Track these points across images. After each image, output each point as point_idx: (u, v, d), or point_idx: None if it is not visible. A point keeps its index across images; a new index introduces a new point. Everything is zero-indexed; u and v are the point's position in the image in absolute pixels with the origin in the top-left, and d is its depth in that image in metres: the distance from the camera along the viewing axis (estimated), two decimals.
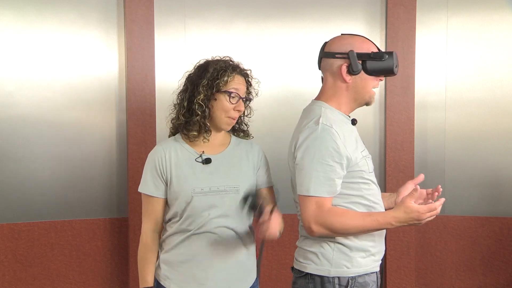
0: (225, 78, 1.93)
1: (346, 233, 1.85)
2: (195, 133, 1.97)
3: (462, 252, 3.24)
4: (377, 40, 3.19)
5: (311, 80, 3.11)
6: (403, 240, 3.18)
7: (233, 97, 1.94)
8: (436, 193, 2.00)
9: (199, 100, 1.93)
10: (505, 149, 3.21)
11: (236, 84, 1.95)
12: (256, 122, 2.13)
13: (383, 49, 3.14)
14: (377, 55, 1.87)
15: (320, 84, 2.01)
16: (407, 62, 3.14)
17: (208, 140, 1.99)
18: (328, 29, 3.13)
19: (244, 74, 2.01)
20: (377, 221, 1.83)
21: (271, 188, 2.06)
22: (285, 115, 3.06)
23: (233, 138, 2.07)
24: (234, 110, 1.95)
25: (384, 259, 3.21)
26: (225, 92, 1.93)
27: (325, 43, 1.98)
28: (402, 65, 3.12)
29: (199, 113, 1.94)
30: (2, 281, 2.90)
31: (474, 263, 3.24)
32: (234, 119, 1.97)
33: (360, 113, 2.07)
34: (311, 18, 3.17)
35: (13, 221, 2.92)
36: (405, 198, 1.84)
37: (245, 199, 1.82)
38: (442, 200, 1.85)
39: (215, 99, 1.94)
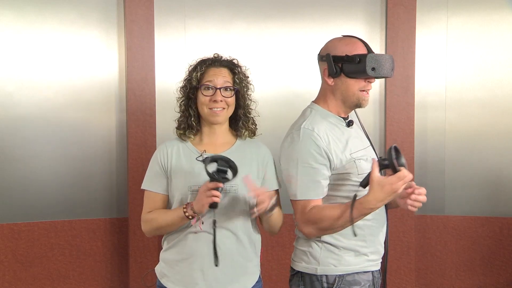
0: (195, 74, 1.98)
1: (332, 227, 1.84)
2: (181, 131, 2.03)
3: (462, 252, 3.24)
4: (377, 40, 3.19)
5: (311, 80, 3.11)
6: (403, 240, 3.18)
7: (205, 89, 1.96)
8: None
9: (179, 101, 2.04)
10: (505, 149, 3.21)
11: (209, 76, 1.98)
12: (254, 117, 2.12)
13: (383, 50, 3.16)
14: (350, 58, 1.87)
15: (319, 84, 2.03)
16: (407, 62, 3.14)
17: (193, 138, 2.03)
18: (328, 29, 3.14)
19: (224, 64, 2.01)
20: (357, 207, 1.78)
21: (277, 191, 2.04)
22: (285, 115, 3.05)
23: (239, 139, 2.06)
24: (210, 101, 1.95)
25: (384, 259, 3.22)
26: (199, 87, 1.97)
27: None
28: (402, 65, 3.13)
29: (181, 113, 2.03)
30: (2, 281, 2.90)
31: (474, 263, 3.24)
32: (218, 110, 1.96)
33: (360, 113, 2.07)
34: (311, 18, 3.17)
35: (13, 221, 2.92)
36: (373, 175, 1.75)
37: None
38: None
39: (195, 97, 2.00)
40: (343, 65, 1.88)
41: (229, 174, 1.82)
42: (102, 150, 3.04)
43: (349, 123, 1.98)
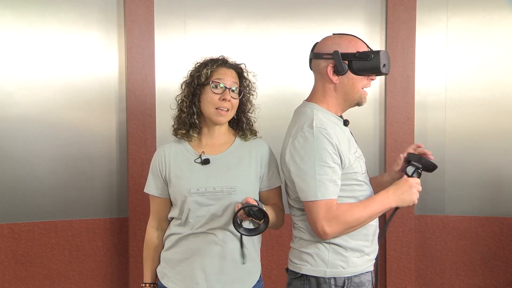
0: (205, 71, 1.96)
1: (359, 224, 1.85)
2: (183, 131, 2.00)
3: (462, 252, 3.24)
4: (377, 40, 3.19)
5: (311, 81, 3.11)
6: (403, 240, 3.18)
7: (215, 87, 1.94)
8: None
9: (183, 96, 1.99)
10: (505, 149, 3.21)
11: (219, 75, 1.96)
12: (255, 122, 2.12)
13: (383, 49, 3.16)
14: (363, 55, 1.85)
15: None
16: (407, 62, 3.14)
17: (196, 138, 2.01)
18: (328, 29, 3.12)
19: (233, 66, 2.01)
20: (380, 202, 1.85)
21: (276, 189, 2.05)
22: (284, 115, 3.03)
23: (238, 138, 2.06)
24: (220, 100, 1.94)
25: (384, 259, 3.23)
26: (208, 83, 1.95)
27: (315, 44, 1.98)
28: (402, 65, 3.13)
29: (185, 110, 1.98)
30: (2, 281, 2.90)
31: (474, 263, 3.24)
32: (224, 110, 1.95)
33: (360, 113, 2.07)
34: (311, 18, 3.17)
35: (13, 221, 2.92)
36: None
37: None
38: None
39: (201, 94, 1.96)
40: (351, 62, 1.86)
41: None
42: (102, 150, 3.04)
43: (346, 122, 1.97)
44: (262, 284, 2.08)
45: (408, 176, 1.94)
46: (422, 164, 1.95)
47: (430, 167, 1.95)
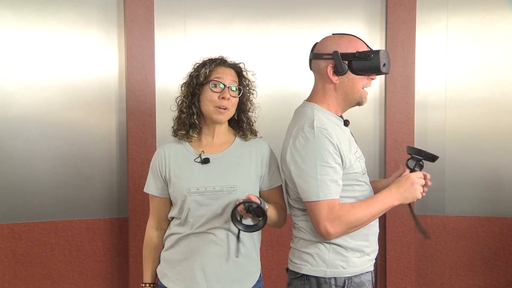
0: (203, 70, 1.96)
1: (361, 224, 1.84)
2: (183, 132, 2.00)
3: (462, 252, 3.24)
4: (377, 40, 3.19)
5: (311, 80, 3.11)
6: (403, 240, 3.18)
7: (214, 86, 1.94)
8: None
9: (182, 97, 2.00)
10: (505, 149, 3.21)
11: (218, 73, 1.97)
12: (255, 122, 2.12)
13: (383, 49, 3.16)
14: (362, 55, 1.85)
15: None
16: (407, 62, 3.14)
17: (196, 138, 2.01)
18: (328, 29, 3.11)
19: (232, 65, 2.02)
20: (382, 201, 1.85)
21: (277, 188, 2.05)
22: (284, 115, 3.03)
23: (238, 137, 2.06)
24: (219, 99, 1.94)
25: (384, 259, 3.23)
26: (207, 83, 1.95)
27: (315, 44, 1.98)
28: (402, 65, 3.13)
29: (185, 110, 1.98)
30: (2, 281, 2.90)
31: (474, 263, 3.24)
32: (223, 108, 1.95)
33: (360, 113, 2.07)
34: (311, 18, 3.17)
35: (13, 221, 2.92)
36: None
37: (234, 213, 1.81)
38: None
39: (200, 93, 1.97)
40: (351, 62, 1.86)
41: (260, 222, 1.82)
42: (102, 150, 3.04)
43: (346, 123, 1.97)
44: (262, 284, 2.08)
45: (411, 169, 1.92)
46: (423, 156, 1.93)
47: (431, 157, 1.94)
